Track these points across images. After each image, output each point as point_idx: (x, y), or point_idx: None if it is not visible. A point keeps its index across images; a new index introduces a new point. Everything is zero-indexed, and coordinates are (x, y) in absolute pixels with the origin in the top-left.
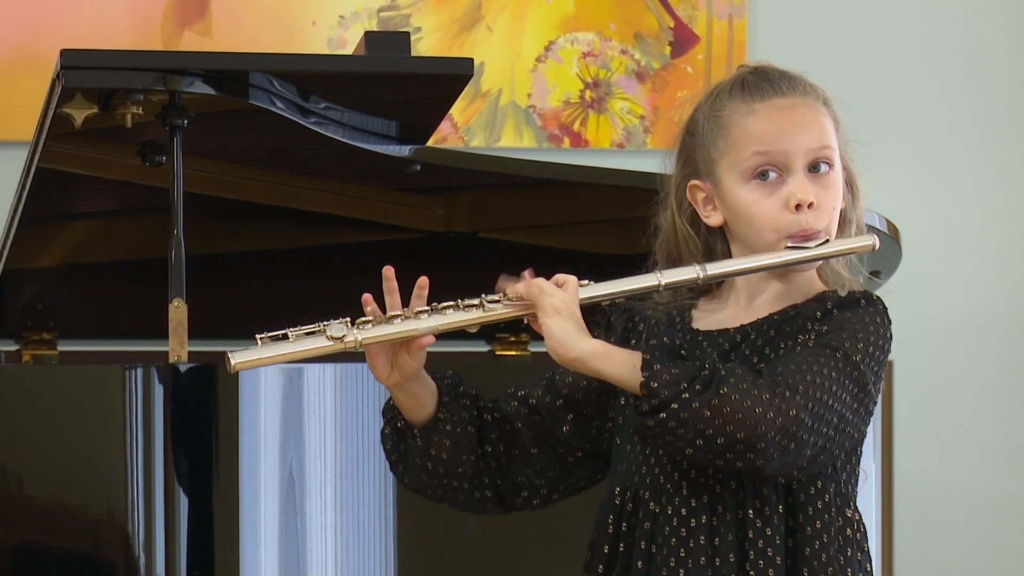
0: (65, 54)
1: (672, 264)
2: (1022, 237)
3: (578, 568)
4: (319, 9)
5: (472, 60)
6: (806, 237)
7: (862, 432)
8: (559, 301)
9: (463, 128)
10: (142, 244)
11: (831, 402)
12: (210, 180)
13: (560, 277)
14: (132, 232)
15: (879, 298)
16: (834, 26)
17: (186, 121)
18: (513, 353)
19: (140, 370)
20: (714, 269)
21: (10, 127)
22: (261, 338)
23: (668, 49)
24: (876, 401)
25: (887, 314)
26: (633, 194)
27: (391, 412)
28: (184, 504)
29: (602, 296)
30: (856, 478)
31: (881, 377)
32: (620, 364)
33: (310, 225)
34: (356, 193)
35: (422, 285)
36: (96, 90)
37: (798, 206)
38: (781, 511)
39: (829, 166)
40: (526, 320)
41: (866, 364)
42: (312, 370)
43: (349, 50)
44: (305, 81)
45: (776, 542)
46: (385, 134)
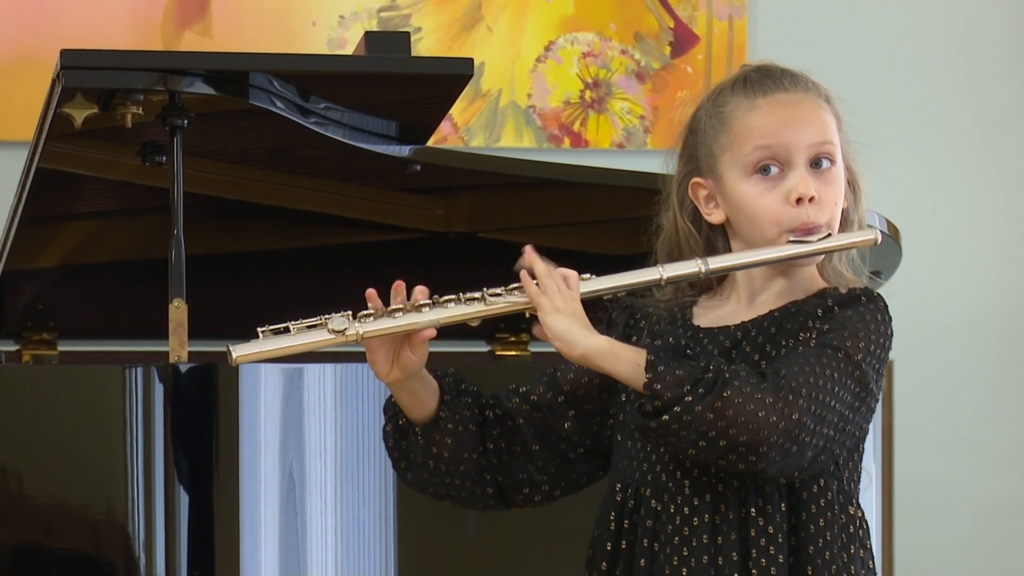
0: (65, 54)
1: (673, 262)
2: (1022, 237)
3: (579, 567)
4: (319, 9)
5: (472, 60)
6: (807, 231)
7: (864, 430)
8: (559, 299)
9: (463, 128)
10: (142, 244)
11: (833, 403)
12: (210, 180)
13: (561, 272)
14: (132, 232)
15: (880, 295)
16: (834, 26)
17: (186, 121)
18: (513, 353)
19: (140, 370)
20: (716, 263)
21: (10, 127)
22: (263, 331)
23: (668, 49)
24: (878, 399)
25: (888, 312)
26: (633, 194)
27: (392, 410)
28: (184, 504)
29: (604, 290)
30: (858, 475)
31: (882, 375)
32: (625, 362)
33: (310, 225)
34: (356, 193)
35: (421, 294)
36: (96, 90)
37: (799, 200)
38: (784, 509)
39: (831, 162)
40: (528, 314)
41: (867, 363)
42: (312, 370)
43: (349, 50)
44: (305, 81)
45: (779, 540)
46: (385, 134)
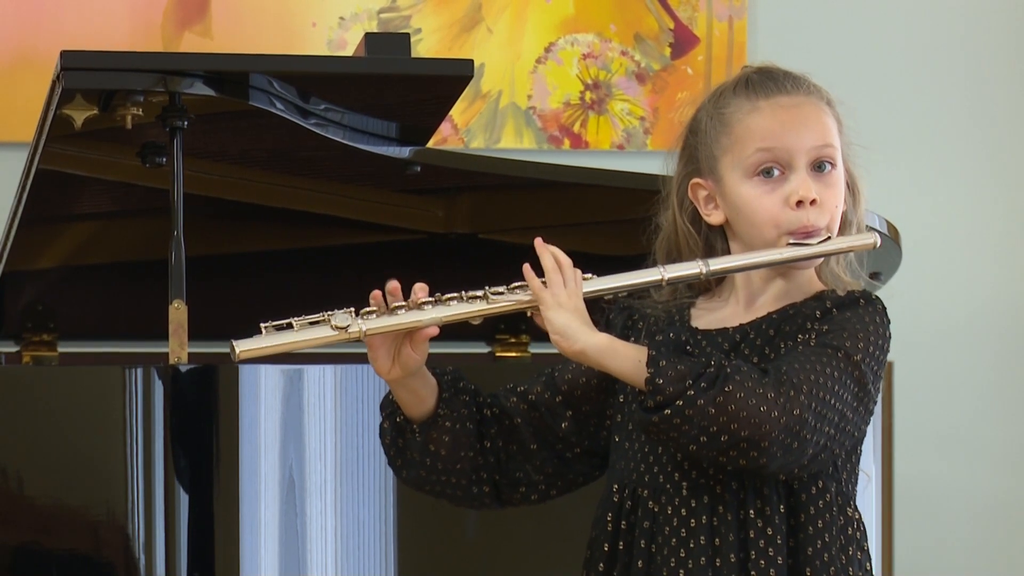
0: (65, 55)
1: (672, 263)
2: (1022, 238)
3: (578, 567)
4: (319, 10)
5: (472, 61)
6: (807, 234)
7: (862, 431)
8: (562, 295)
9: (463, 129)
10: (142, 245)
11: (833, 402)
12: (210, 181)
13: (540, 247)
14: (132, 233)
15: (878, 298)
16: (834, 27)
17: (186, 122)
18: (513, 354)
19: (140, 371)
20: (716, 264)
21: (10, 128)
22: (265, 327)
23: (668, 50)
24: (876, 400)
25: (886, 314)
26: (633, 195)
27: (390, 407)
28: (184, 505)
29: (605, 290)
30: (856, 477)
31: (881, 377)
32: (625, 359)
33: (310, 226)
34: (356, 194)
35: (421, 291)
36: (96, 91)
37: (800, 203)
38: (782, 511)
39: (832, 165)
40: (530, 313)
41: (867, 364)
42: (312, 371)
43: (349, 51)
44: (305, 82)
45: (778, 542)
46: (385, 135)
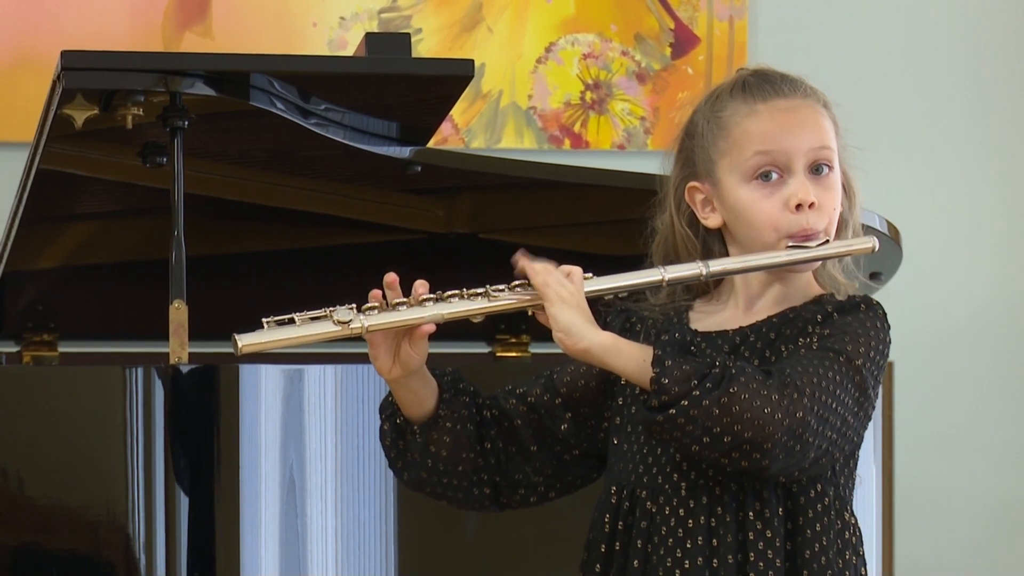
0: (66, 55)
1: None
2: (1022, 238)
3: (578, 568)
4: (320, 10)
5: (472, 61)
6: (806, 237)
7: (861, 436)
8: (566, 291)
9: (464, 129)
10: (143, 245)
11: (835, 405)
12: (211, 181)
13: (565, 268)
14: (133, 233)
15: (879, 303)
16: (834, 27)
17: (187, 122)
18: (514, 354)
19: (140, 371)
20: (717, 266)
21: (10, 128)
22: (267, 322)
23: (669, 50)
24: (875, 405)
25: (886, 319)
26: (634, 195)
27: (390, 408)
28: (185, 505)
29: (605, 290)
30: (853, 482)
31: (880, 381)
32: (629, 358)
33: (311, 226)
34: (357, 194)
35: (421, 287)
36: (97, 91)
37: (799, 206)
38: (781, 513)
39: (829, 168)
40: (531, 312)
41: (867, 369)
42: (313, 371)
43: (350, 51)
44: (306, 82)
45: (776, 544)
46: (386, 135)
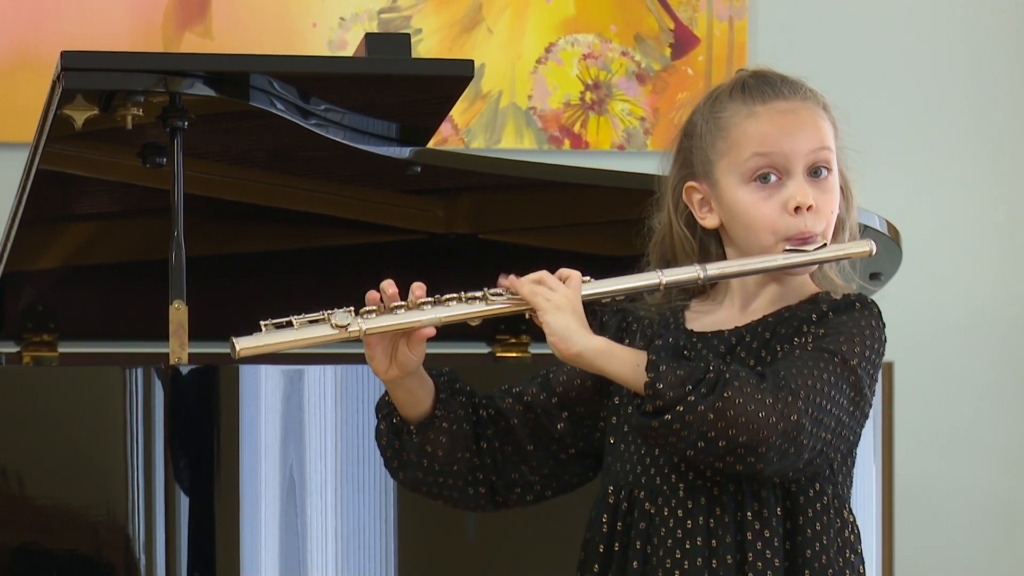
0: (65, 56)
1: (667, 266)
2: (1022, 238)
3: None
4: (319, 11)
5: (472, 62)
6: (804, 240)
7: (858, 435)
8: (560, 297)
9: (463, 130)
10: (142, 246)
11: (830, 406)
12: (211, 182)
13: (563, 272)
14: (132, 234)
15: (874, 302)
16: (834, 28)
17: (186, 123)
18: (513, 355)
19: (140, 371)
20: (714, 269)
21: (10, 128)
22: (265, 324)
23: (668, 51)
24: (871, 404)
25: (881, 318)
26: (633, 196)
27: (386, 408)
28: (185, 505)
29: (603, 293)
30: (851, 480)
31: (876, 380)
32: (623, 362)
33: (311, 227)
34: (356, 195)
35: (418, 289)
36: (97, 92)
37: (797, 209)
38: (779, 513)
39: (828, 170)
40: (528, 315)
41: (863, 368)
42: (313, 371)
43: (350, 52)
44: (305, 83)
45: (775, 544)
46: (385, 136)
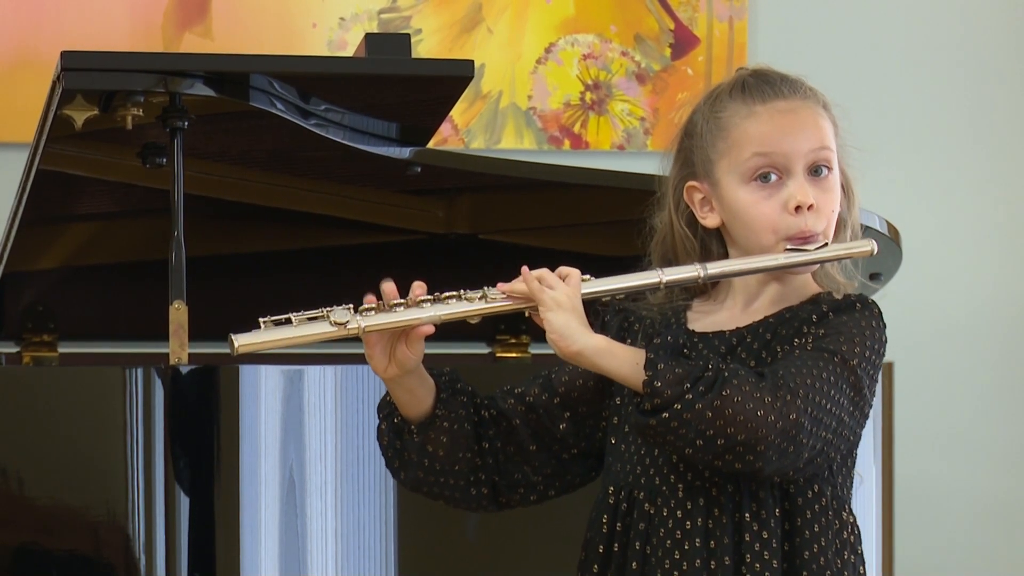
0: (65, 56)
1: (668, 265)
2: (1022, 238)
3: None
4: (319, 11)
5: (472, 62)
6: (804, 239)
7: (858, 435)
8: (561, 295)
9: (463, 130)
10: (142, 246)
11: (829, 406)
12: (211, 182)
13: (563, 270)
14: (132, 234)
15: (874, 302)
16: (834, 28)
17: (186, 123)
18: (513, 355)
19: (140, 371)
20: (714, 269)
21: (10, 129)
22: (264, 322)
23: (668, 51)
24: (871, 404)
25: (882, 318)
26: (633, 196)
27: (387, 408)
28: (185, 505)
29: (603, 292)
30: (851, 481)
31: (876, 380)
32: (623, 361)
33: (311, 227)
34: (357, 195)
35: (418, 289)
36: (97, 92)
37: (798, 208)
38: (778, 514)
39: (828, 169)
40: (528, 313)
41: (863, 368)
42: (313, 371)
43: (350, 52)
44: (305, 83)
45: (773, 545)
46: (385, 136)
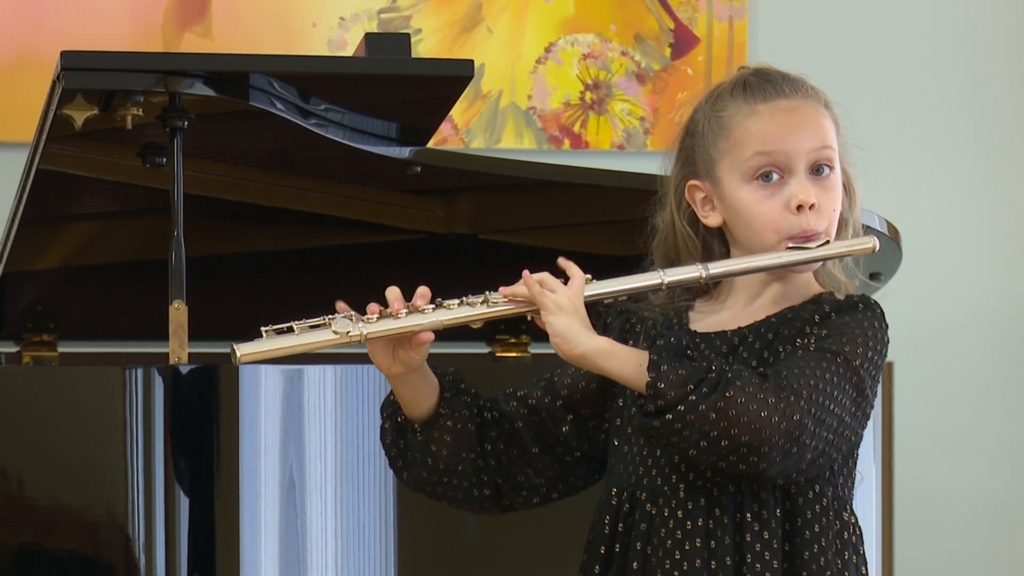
0: (65, 56)
1: (670, 264)
2: (1022, 238)
3: (578, 569)
4: (319, 10)
5: (472, 62)
6: (806, 238)
7: (859, 436)
8: (562, 297)
9: (463, 130)
10: (142, 245)
11: (832, 407)
12: (210, 181)
13: (565, 265)
14: (132, 233)
15: (877, 303)
16: (834, 28)
17: (186, 122)
18: (514, 355)
19: (140, 371)
20: (716, 268)
21: (10, 128)
22: (266, 330)
23: (668, 51)
24: (873, 405)
25: (884, 318)
26: (633, 196)
27: (391, 407)
28: (185, 505)
29: (606, 294)
30: (853, 481)
31: (878, 381)
32: (626, 362)
33: (311, 227)
34: (357, 195)
35: (423, 295)
36: (96, 91)
37: (799, 207)
38: (779, 515)
39: (830, 168)
40: (530, 317)
41: (865, 369)
42: (312, 371)
43: (349, 51)
44: (305, 83)
45: (773, 546)
46: (385, 136)
